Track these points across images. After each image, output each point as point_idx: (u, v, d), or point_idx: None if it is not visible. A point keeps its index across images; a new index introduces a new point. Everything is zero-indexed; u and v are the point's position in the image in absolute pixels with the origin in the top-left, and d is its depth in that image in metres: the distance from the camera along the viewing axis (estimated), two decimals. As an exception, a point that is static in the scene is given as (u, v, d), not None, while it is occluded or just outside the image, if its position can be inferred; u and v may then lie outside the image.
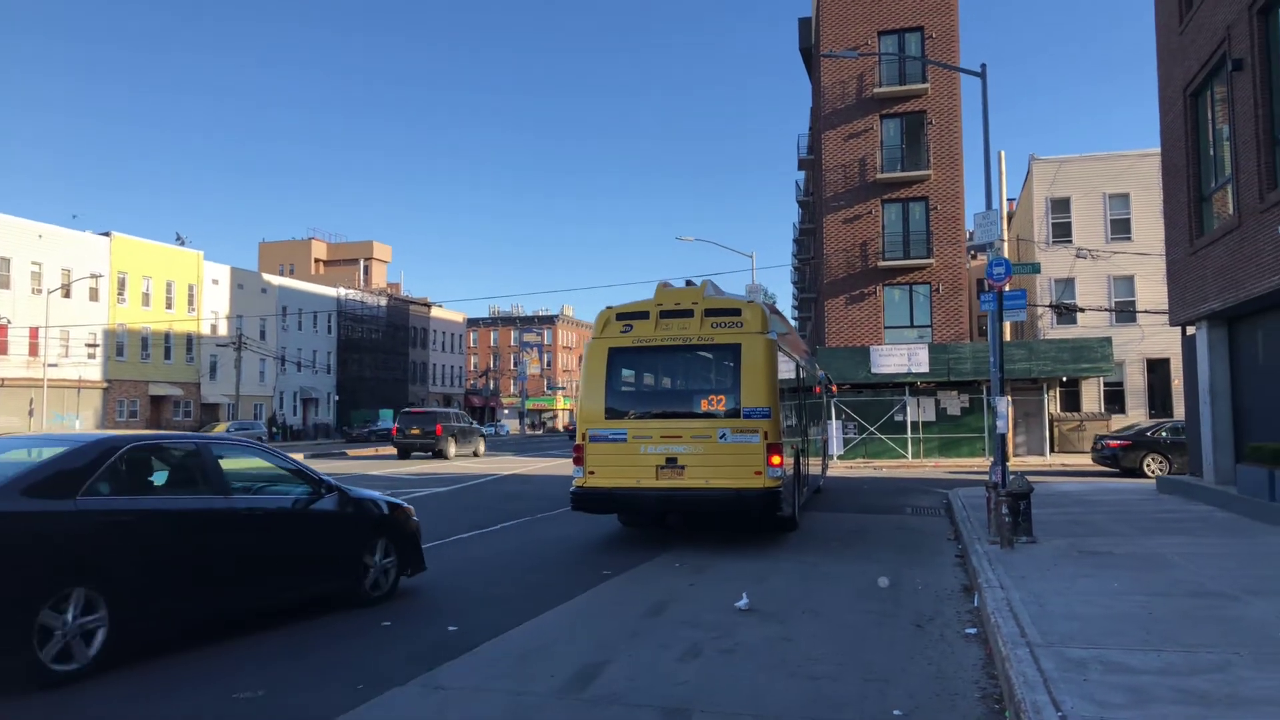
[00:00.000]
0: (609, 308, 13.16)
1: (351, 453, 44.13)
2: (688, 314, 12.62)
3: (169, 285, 59.70)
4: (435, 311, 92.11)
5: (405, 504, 9.51)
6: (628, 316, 12.91)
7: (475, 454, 37.84)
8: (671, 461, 11.92)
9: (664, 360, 12.95)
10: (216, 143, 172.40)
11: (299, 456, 14.92)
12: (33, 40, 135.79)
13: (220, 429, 50.45)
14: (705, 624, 7.75)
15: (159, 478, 7.27)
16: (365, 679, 6.16)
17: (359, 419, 71.68)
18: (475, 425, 40.60)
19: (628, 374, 13.03)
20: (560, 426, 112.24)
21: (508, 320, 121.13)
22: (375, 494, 9.19)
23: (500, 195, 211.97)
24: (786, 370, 14.16)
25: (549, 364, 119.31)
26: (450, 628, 7.68)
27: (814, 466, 18.30)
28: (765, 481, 11.66)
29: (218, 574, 7.17)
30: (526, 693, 5.89)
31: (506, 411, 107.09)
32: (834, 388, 29.87)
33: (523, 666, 6.50)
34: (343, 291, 78.06)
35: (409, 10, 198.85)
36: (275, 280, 70.88)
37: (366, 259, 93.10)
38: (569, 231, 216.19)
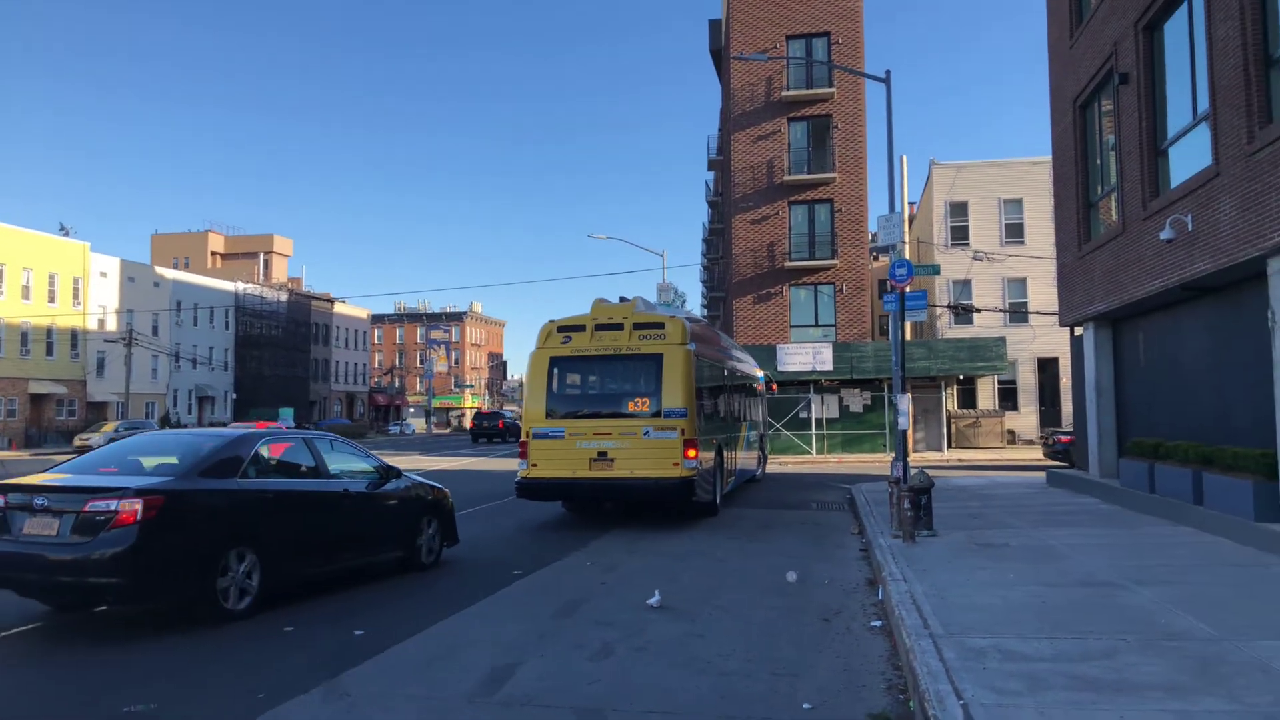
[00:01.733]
0: (551, 321, 14.97)
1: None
2: (618, 327, 14.45)
3: (52, 278, 56.58)
4: (339, 307, 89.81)
5: (443, 487, 11.16)
6: (567, 329, 14.75)
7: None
8: (602, 455, 13.76)
9: (597, 368, 14.62)
10: (104, 131, 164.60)
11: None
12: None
13: (108, 429, 48.09)
14: (617, 623, 7.75)
15: (285, 465, 8.88)
16: (266, 687, 5.96)
17: (258, 418, 69.40)
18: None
19: (566, 380, 14.62)
20: (469, 425, 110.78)
21: (414, 317, 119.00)
22: (422, 478, 10.86)
23: (408, 191, 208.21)
24: (711, 374, 15.98)
25: (457, 361, 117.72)
26: (356, 632, 7.49)
27: (745, 460, 20.06)
28: (682, 471, 13.48)
29: (325, 541, 8.96)
30: (436, 697, 5.78)
31: (413, 410, 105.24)
32: (774, 386, 30.68)
33: (431, 670, 6.38)
34: (241, 286, 75.38)
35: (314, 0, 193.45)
36: (169, 273, 68.03)
37: (267, 253, 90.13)
38: (480, 228, 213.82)
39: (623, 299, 15.69)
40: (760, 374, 24.75)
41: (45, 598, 7.87)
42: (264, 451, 8.60)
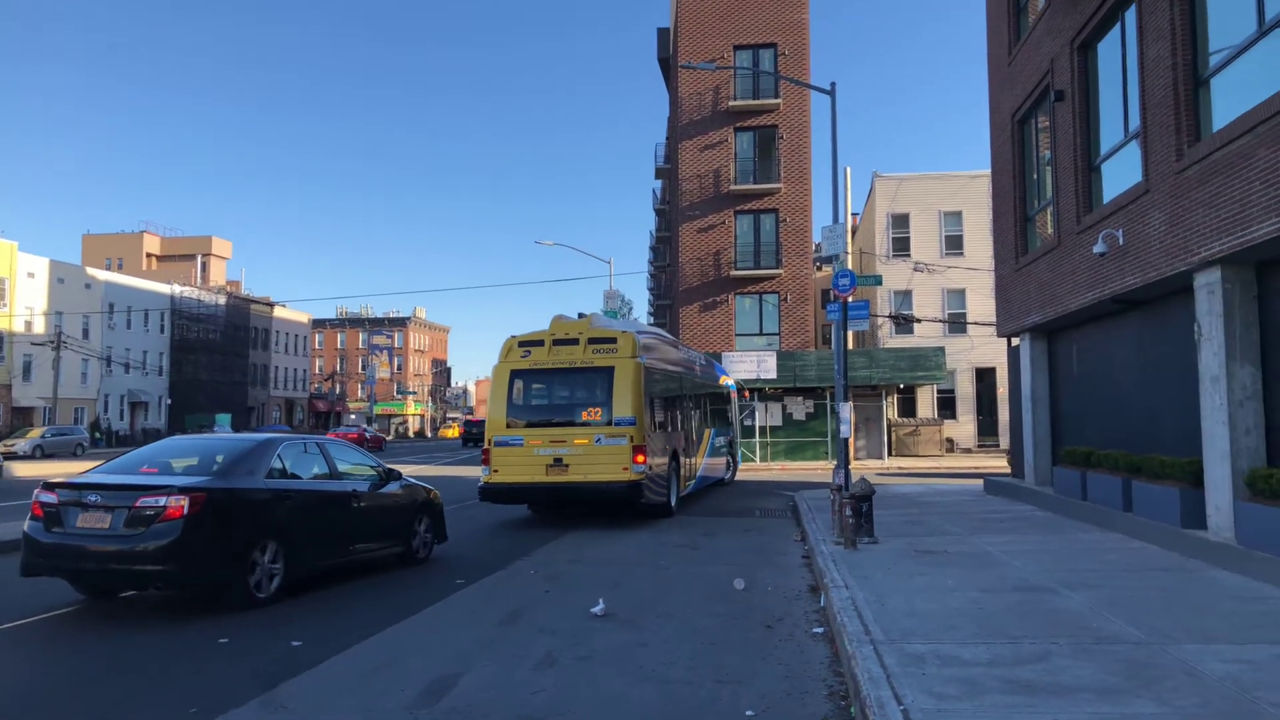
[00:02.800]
0: (512, 337, 16.00)
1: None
2: (574, 342, 15.52)
3: (-24, 277, 54.69)
4: (279, 311, 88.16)
5: (433, 488, 11.93)
6: (527, 344, 15.82)
7: None
8: (558, 461, 14.77)
9: (554, 380, 15.64)
10: (30, 127, 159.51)
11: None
12: None
13: (33, 435, 46.50)
14: (561, 631, 7.70)
15: (301, 467, 9.66)
16: (200, 701, 5.80)
17: (194, 424, 67.67)
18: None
19: (525, 391, 15.66)
20: (412, 432, 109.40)
21: (356, 322, 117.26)
22: (416, 480, 11.69)
23: (351, 194, 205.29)
24: (666, 384, 17.13)
25: (399, 367, 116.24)
26: (294, 642, 7.33)
27: (711, 464, 21.46)
28: (631, 476, 14.50)
29: (338, 535, 9.80)
30: (375, 709, 5.68)
31: (353, 416, 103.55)
32: (746, 394, 31.36)
33: (371, 681, 6.27)
34: (178, 289, 73.57)
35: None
36: (101, 275, 66.14)
37: (204, 255, 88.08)
38: (425, 233, 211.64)
39: (581, 315, 16.80)
40: (730, 382, 25.76)
41: (95, 584, 8.73)
42: (285, 454, 9.50)
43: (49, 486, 8.35)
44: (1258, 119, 8.83)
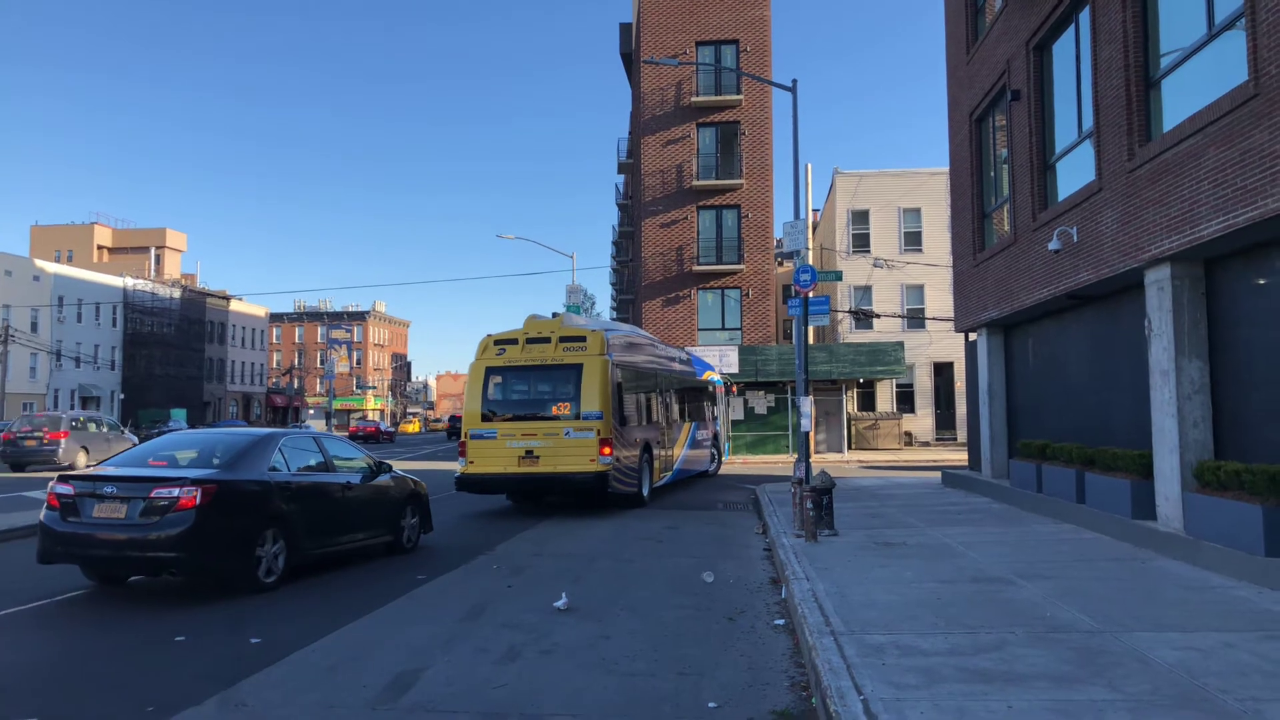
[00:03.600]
0: (489, 335, 16.82)
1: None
2: (546, 340, 16.36)
3: (-81, 269, 53.15)
4: (235, 305, 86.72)
5: (421, 481, 12.51)
6: (502, 343, 16.68)
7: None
8: (529, 453, 15.61)
9: (526, 376, 16.46)
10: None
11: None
12: None
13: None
14: (524, 625, 7.70)
15: (300, 460, 10.18)
16: (155, 699, 5.71)
17: (147, 419, 66.37)
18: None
19: (499, 387, 16.52)
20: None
21: (315, 316, 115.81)
22: (404, 473, 12.19)
23: (310, 187, 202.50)
24: (638, 379, 17.98)
25: (359, 362, 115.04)
26: (253, 640, 7.24)
27: (693, 456, 22.29)
28: (598, 466, 15.27)
29: (334, 524, 10.30)
30: (337, 705, 5.64)
31: (312, 411, 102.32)
32: (734, 389, 31.81)
33: (332, 677, 6.22)
34: (130, 281, 72.04)
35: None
36: (50, 267, 64.55)
37: (158, 247, 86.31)
38: (386, 225, 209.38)
39: (555, 314, 17.81)
40: (715, 377, 26.69)
41: (108, 571, 9.22)
42: (286, 448, 10.00)
43: (65, 479, 8.83)
44: (1207, 120, 9.04)
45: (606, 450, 15.40)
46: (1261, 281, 9.21)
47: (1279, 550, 8.08)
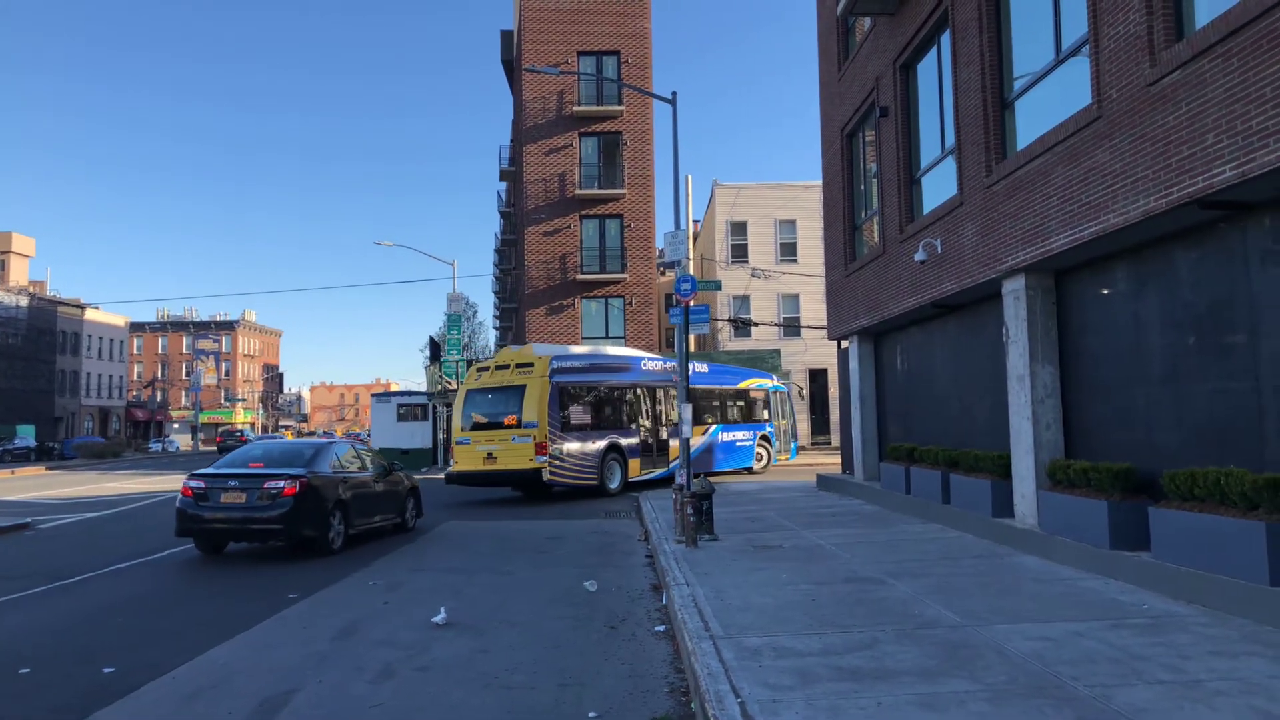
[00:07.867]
0: (472, 363, 21.19)
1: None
2: (506, 367, 21.20)
3: None
4: (91, 314, 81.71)
5: (413, 476, 16.73)
6: (479, 370, 22.19)
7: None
8: (490, 454, 20.45)
9: (491, 396, 21.15)
10: None
11: None
12: None
13: None
14: (400, 643, 7.50)
15: (349, 461, 13.80)
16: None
17: (-9, 436, 61.81)
18: None
19: (472, 405, 21.46)
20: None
21: (179, 325, 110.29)
22: (405, 470, 16.25)
23: (171, 187, 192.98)
24: (587, 394, 21.57)
25: (227, 373, 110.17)
26: (106, 669, 6.81)
27: (652, 463, 23.59)
28: (534, 464, 19.76)
29: (370, 508, 13.80)
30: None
31: (177, 425, 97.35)
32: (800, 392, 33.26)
33: (193, 705, 5.91)
34: (-30, 288, 66.99)
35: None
36: (-123, 272, 59.37)
37: (4, 252, 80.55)
38: (254, 225, 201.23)
39: (527, 344, 22.23)
40: (766, 384, 29.35)
41: (223, 542, 12.78)
42: (340, 452, 13.66)
43: (196, 476, 12.39)
44: (1055, 139, 9.62)
45: (542, 451, 19.71)
46: (1105, 292, 9.84)
47: (1123, 543, 8.64)
